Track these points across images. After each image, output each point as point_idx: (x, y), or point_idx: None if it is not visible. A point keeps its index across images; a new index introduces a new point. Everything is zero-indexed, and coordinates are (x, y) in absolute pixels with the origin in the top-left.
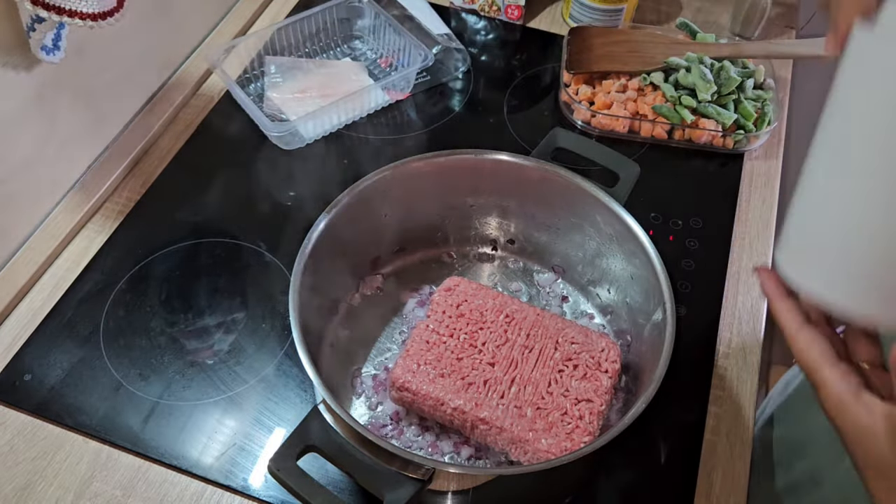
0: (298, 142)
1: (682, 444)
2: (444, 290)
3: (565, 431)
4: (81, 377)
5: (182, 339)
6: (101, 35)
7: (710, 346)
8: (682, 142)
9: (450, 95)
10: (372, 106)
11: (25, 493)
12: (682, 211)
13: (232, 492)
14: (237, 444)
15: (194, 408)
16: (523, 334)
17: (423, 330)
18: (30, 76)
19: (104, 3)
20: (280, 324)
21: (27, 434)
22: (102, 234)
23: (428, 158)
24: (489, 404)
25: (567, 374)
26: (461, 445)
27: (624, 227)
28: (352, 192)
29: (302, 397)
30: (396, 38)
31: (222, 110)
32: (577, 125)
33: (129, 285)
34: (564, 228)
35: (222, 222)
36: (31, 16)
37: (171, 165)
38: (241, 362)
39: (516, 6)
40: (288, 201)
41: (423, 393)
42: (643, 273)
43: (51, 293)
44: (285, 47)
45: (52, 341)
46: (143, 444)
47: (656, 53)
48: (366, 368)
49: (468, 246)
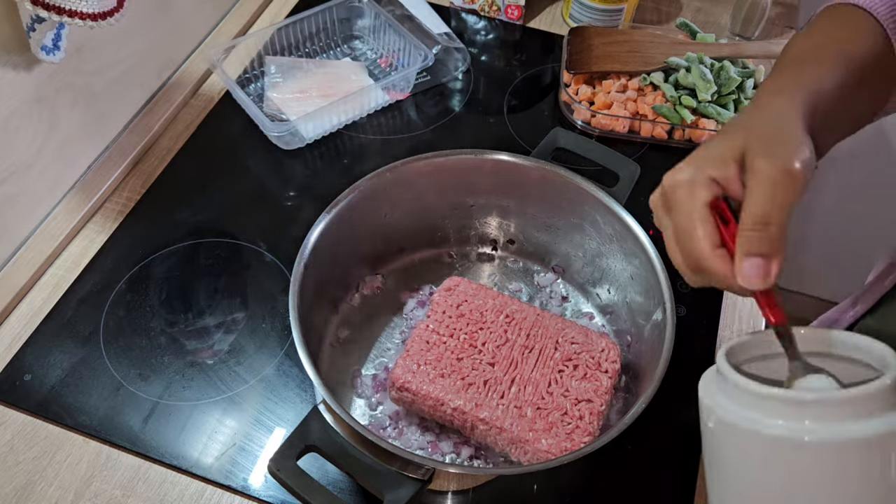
0: (298, 142)
1: (682, 444)
2: (444, 290)
3: (565, 431)
4: (81, 377)
5: (182, 339)
6: (101, 35)
7: (710, 346)
8: (683, 142)
9: (450, 95)
10: (372, 106)
11: (25, 493)
12: None
13: (232, 492)
14: (237, 444)
15: (194, 408)
16: (523, 334)
17: (423, 330)
18: (30, 76)
19: (104, 3)
20: (280, 324)
21: (27, 434)
22: (102, 234)
23: (428, 158)
24: (489, 404)
25: (567, 375)
26: (461, 445)
27: (624, 227)
28: (352, 192)
29: (302, 397)
30: (396, 38)
31: (222, 110)
32: (577, 125)
33: (129, 285)
34: (564, 228)
35: (222, 222)
36: (31, 16)
37: (171, 165)
38: (241, 362)
39: (516, 6)
40: (288, 201)
41: (423, 393)
42: (643, 273)
43: (51, 293)
44: (285, 47)
45: (52, 341)
46: (143, 444)
47: (656, 53)
48: (366, 368)
49: (468, 246)
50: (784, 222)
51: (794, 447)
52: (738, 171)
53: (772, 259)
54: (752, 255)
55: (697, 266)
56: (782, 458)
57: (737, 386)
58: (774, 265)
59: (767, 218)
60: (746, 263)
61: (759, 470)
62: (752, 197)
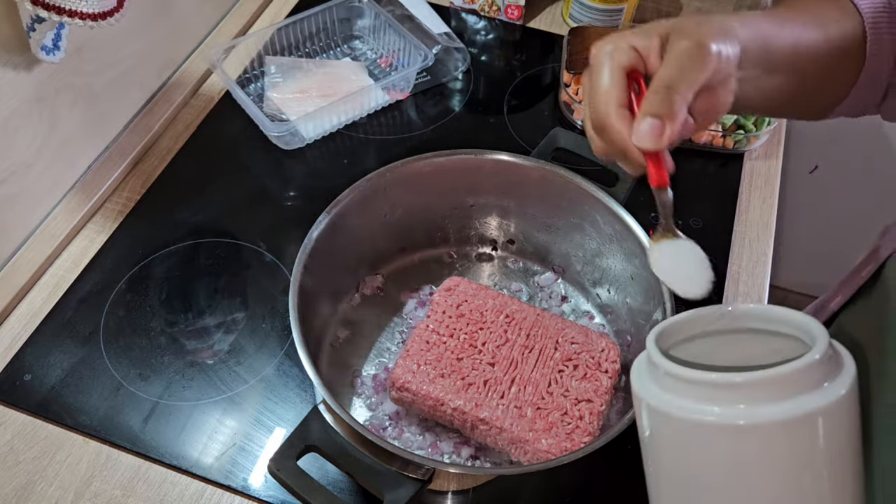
0: (298, 142)
1: None
2: (444, 290)
3: (565, 431)
4: (81, 377)
5: (182, 339)
6: (101, 35)
7: None
8: (683, 142)
9: (450, 95)
10: (372, 106)
11: (25, 493)
12: (681, 211)
13: (232, 492)
14: (237, 444)
15: (194, 408)
16: (523, 334)
17: (423, 330)
18: (30, 76)
19: (104, 3)
20: (280, 324)
21: (27, 434)
22: (102, 234)
23: (428, 158)
24: (489, 404)
25: (567, 375)
26: (461, 445)
27: (624, 227)
28: (352, 192)
29: (302, 397)
30: (396, 38)
31: (222, 110)
32: (577, 125)
33: (129, 285)
34: (564, 228)
35: (222, 222)
36: (32, 16)
37: (171, 165)
38: (241, 362)
39: (516, 6)
40: (288, 201)
41: (423, 393)
42: (643, 273)
43: (51, 293)
44: (285, 47)
45: (52, 341)
46: (143, 444)
47: None
48: (366, 368)
49: (468, 246)
50: (686, 93)
51: (730, 432)
52: (659, 46)
53: (667, 122)
54: (651, 115)
55: (601, 124)
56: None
57: (667, 373)
58: (669, 129)
59: (672, 84)
60: (644, 122)
61: (695, 456)
62: (664, 66)
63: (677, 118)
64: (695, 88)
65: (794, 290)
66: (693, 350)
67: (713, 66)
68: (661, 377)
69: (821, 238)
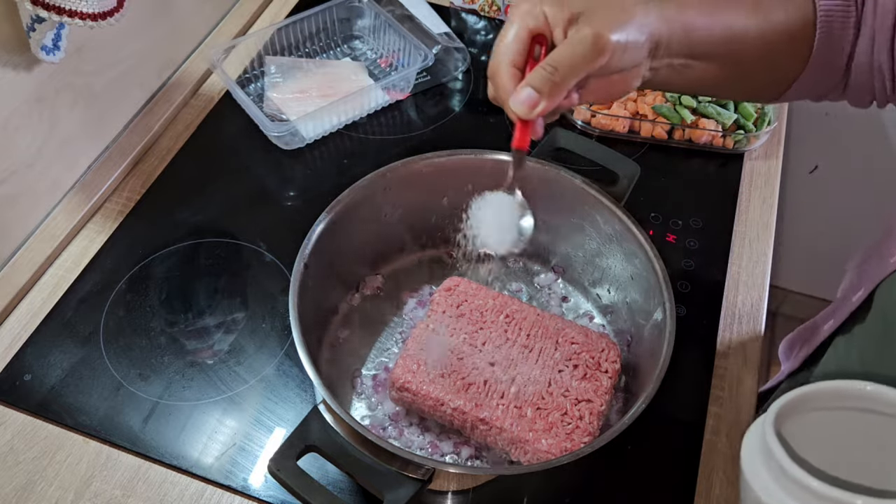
0: (298, 142)
1: (682, 444)
2: (444, 290)
3: (565, 431)
4: (81, 377)
5: (182, 339)
6: (101, 35)
7: (710, 346)
8: (682, 142)
9: (450, 95)
10: (372, 106)
11: (25, 493)
12: (682, 211)
13: (232, 492)
14: (237, 444)
15: (194, 408)
16: (523, 334)
17: (423, 330)
18: (30, 76)
19: (104, 3)
20: (280, 324)
21: (27, 434)
22: (102, 234)
23: (428, 158)
24: (489, 404)
25: (567, 375)
26: (461, 445)
27: (624, 227)
28: (352, 192)
29: (302, 397)
30: (396, 38)
31: (222, 110)
32: (577, 125)
33: (129, 285)
34: (564, 228)
35: (222, 222)
36: (32, 16)
37: (171, 165)
38: (241, 362)
39: None
40: (288, 201)
41: (423, 393)
42: (643, 273)
43: (51, 293)
44: (285, 47)
45: (52, 341)
46: (143, 444)
47: None
48: (366, 368)
49: (468, 246)
50: (569, 79)
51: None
52: (566, 21)
53: (543, 98)
54: (531, 87)
55: (493, 71)
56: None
57: (785, 473)
58: (542, 104)
59: (559, 67)
60: (522, 92)
61: None
62: (559, 48)
63: (554, 98)
64: (579, 77)
65: (794, 290)
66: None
67: (605, 59)
68: (781, 475)
69: (821, 238)
